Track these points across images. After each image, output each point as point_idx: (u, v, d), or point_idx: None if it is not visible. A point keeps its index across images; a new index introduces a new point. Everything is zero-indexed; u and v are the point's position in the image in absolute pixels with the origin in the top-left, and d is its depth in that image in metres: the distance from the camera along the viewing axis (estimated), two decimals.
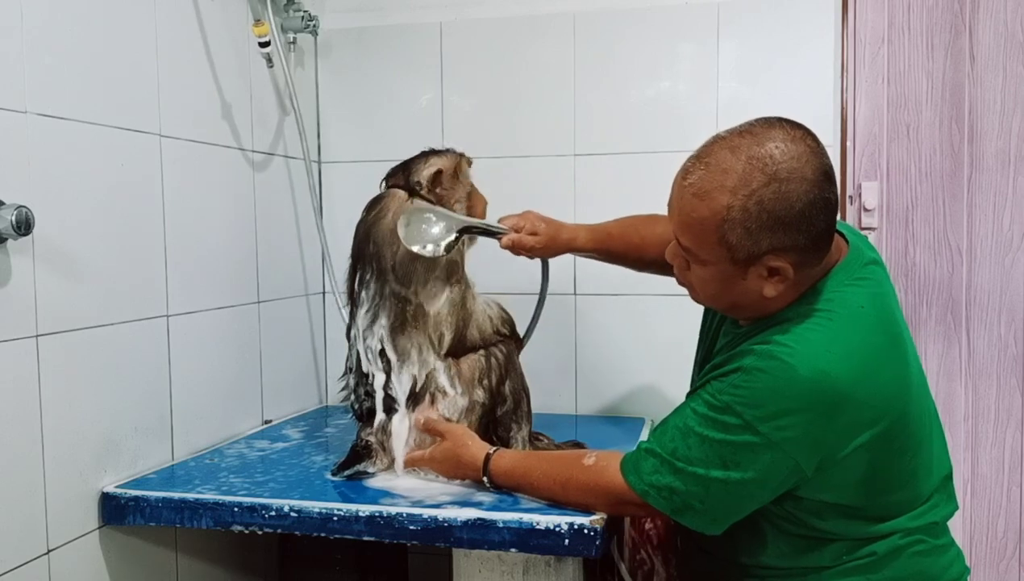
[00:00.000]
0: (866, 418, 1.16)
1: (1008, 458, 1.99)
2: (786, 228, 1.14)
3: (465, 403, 1.51)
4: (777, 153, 1.14)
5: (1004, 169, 1.94)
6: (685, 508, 1.21)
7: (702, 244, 1.19)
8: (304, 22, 2.00)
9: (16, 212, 1.20)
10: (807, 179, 1.13)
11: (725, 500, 1.19)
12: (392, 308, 1.49)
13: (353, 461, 1.49)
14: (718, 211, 1.14)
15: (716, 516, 1.21)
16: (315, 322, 2.17)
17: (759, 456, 1.15)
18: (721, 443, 1.17)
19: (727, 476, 1.17)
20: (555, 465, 1.34)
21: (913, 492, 1.26)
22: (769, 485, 1.18)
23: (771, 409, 1.14)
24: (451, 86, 2.12)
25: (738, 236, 1.14)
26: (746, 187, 1.13)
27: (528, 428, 1.59)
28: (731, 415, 1.16)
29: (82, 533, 1.41)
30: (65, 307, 1.37)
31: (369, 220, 1.53)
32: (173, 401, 1.63)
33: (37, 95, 1.31)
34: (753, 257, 1.16)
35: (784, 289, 1.20)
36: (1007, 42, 1.92)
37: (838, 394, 1.14)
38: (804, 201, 1.13)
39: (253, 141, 1.90)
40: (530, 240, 1.56)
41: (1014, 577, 2.00)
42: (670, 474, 1.20)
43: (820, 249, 1.19)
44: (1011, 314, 1.97)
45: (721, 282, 1.21)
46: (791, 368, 1.14)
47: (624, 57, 2.02)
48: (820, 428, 1.15)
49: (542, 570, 1.33)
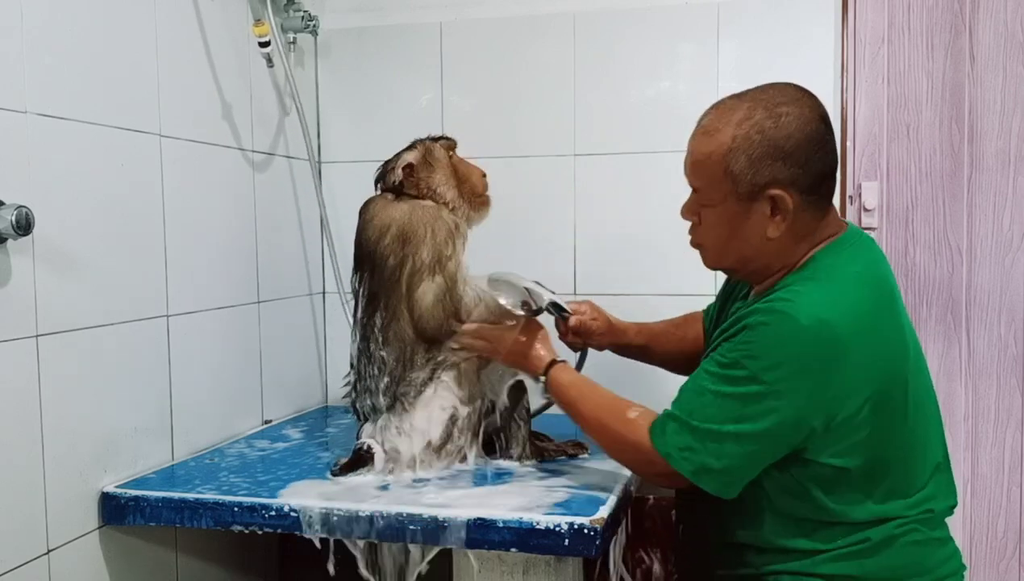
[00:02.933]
0: (866, 372, 1.21)
1: (1008, 458, 1.99)
2: (785, 158, 1.23)
3: (464, 402, 1.51)
4: (779, 96, 1.27)
5: (1004, 169, 1.94)
6: (703, 470, 1.23)
7: (710, 180, 1.27)
8: (304, 22, 2.00)
9: (16, 212, 1.20)
10: (805, 116, 1.25)
11: (738, 456, 1.22)
12: (384, 304, 1.51)
13: (356, 464, 1.50)
14: (724, 143, 1.25)
15: (732, 475, 1.24)
16: (315, 322, 2.17)
17: (767, 406, 1.19)
18: (731, 396, 1.22)
19: (739, 430, 1.21)
20: (603, 406, 1.39)
21: (911, 471, 1.28)
22: (778, 438, 1.21)
23: (775, 359, 1.19)
24: (451, 86, 2.12)
25: (741, 165, 1.24)
26: (749, 120, 1.24)
27: (527, 427, 1.59)
28: (738, 369, 1.21)
29: (82, 533, 1.41)
30: (65, 307, 1.37)
31: (360, 224, 1.57)
32: (173, 401, 1.63)
33: (37, 95, 1.31)
34: (756, 189, 1.24)
35: (785, 233, 1.26)
36: (1007, 42, 1.92)
37: (839, 343, 1.19)
38: (803, 133, 1.24)
39: (253, 141, 1.90)
40: (594, 324, 1.60)
41: (1014, 577, 2.00)
42: (688, 434, 1.24)
43: (819, 193, 1.27)
44: (1011, 314, 1.96)
45: (728, 225, 1.28)
46: (792, 318, 1.19)
47: (624, 57, 2.02)
48: (823, 378, 1.19)
49: (542, 570, 1.33)
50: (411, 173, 1.58)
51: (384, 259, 1.51)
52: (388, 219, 1.54)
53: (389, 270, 1.51)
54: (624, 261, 1.71)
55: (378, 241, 1.52)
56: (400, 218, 1.53)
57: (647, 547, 1.85)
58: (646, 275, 1.76)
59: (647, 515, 1.90)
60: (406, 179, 1.58)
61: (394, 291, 1.51)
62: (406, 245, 1.51)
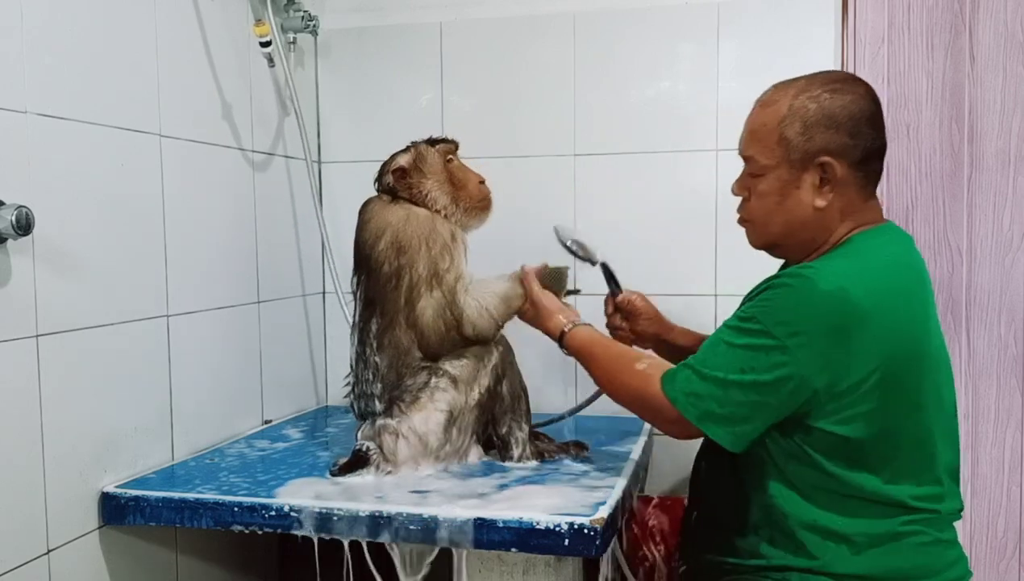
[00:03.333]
0: (878, 345, 1.24)
1: (1008, 458, 1.99)
2: (838, 128, 1.30)
3: (462, 402, 1.51)
4: (836, 75, 1.38)
5: (1004, 169, 1.94)
6: (707, 415, 1.27)
7: (764, 148, 1.33)
8: (304, 22, 2.00)
9: (16, 212, 1.20)
10: (860, 94, 1.32)
11: (742, 404, 1.26)
12: (379, 310, 1.52)
13: (355, 465, 1.50)
14: (779, 111, 1.32)
15: (735, 424, 1.27)
16: (315, 322, 2.17)
17: (773, 360, 1.24)
18: (742, 347, 1.27)
19: (742, 379, 1.25)
20: (612, 360, 1.45)
21: (922, 461, 1.30)
22: (781, 393, 1.24)
23: (789, 317, 1.24)
24: (451, 86, 2.12)
25: (795, 131, 1.30)
26: (805, 92, 1.32)
27: (528, 427, 1.59)
28: (753, 322, 1.27)
29: (82, 533, 1.41)
30: (65, 307, 1.37)
31: (358, 224, 1.58)
32: (173, 401, 1.63)
33: (37, 95, 1.31)
34: (807, 157, 1.30)
35: (831, 206, 1.31)
36: (1007, 42, 1.91)
37: (854, 312, 1.22)
38: (856, 106, 1.31)
39: (253, 141, 1.90)
40: (642, 305, 1.67)
41: (1014, 577, 2.00)
42: (697, 381, 1.29)
43: (867, 170, 1.33)
44: (1011, 314, 1.96)
45: (779, 194, 1.33)
46: (813, 282, 1.24)
47: (624, 57, 2.02)
48: (833, 344, 1.23)
49: (542, 570, 1.33)
50: (402, 177, 1.58)
51: (379, 265, 1.52)
52: (383, 223, 1.54)
53: (384, 277, 1.51)
54: (624, 261, 1.71)
55: (373, 245, 1.53)
56: (396, 224, 1.53)
57: (649, 545, 1.85)
58: (646, 275, 1.75)
59: (650, 513, 1.90)
60: (397, 182, 1.58)
61: (389, 299, 1.51)
62: (401, 255, 1.51)
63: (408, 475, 1.49)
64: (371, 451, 1.50)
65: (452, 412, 1.52)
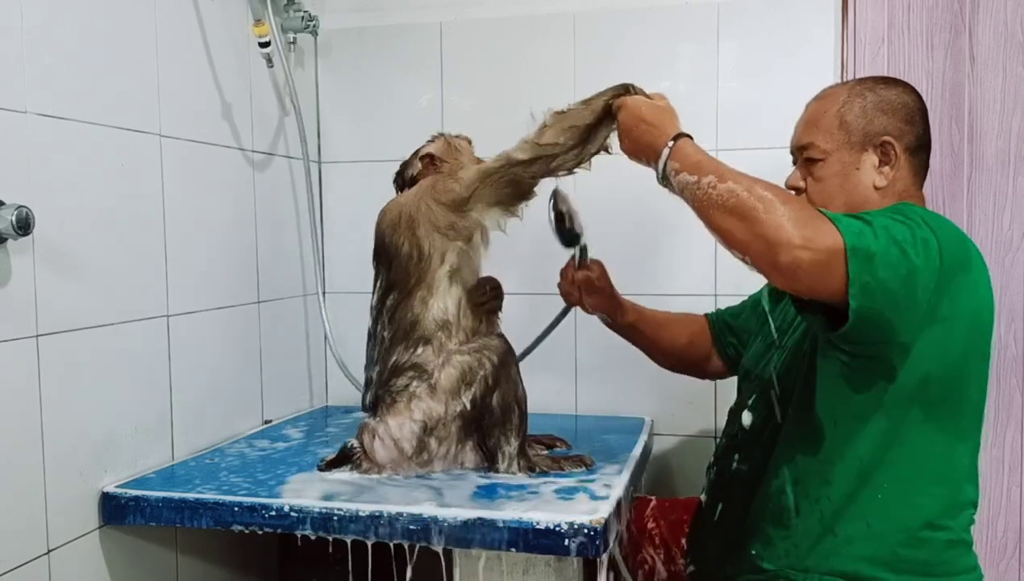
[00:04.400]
0: (976, 292, 1.27)
1: (1008, 458, 1.98)
2: (894, 113, 1.36)
3: (440, 412, 1.49)
4: (886, 77, 1.46)
5: (1004, 169, 1.94)
6: (861, 245, 1.13)
7: (824, 133, 1.38)
8: (304, 22, 2.00)
9: (16, 212, 1.20)
10: (910, 91, 1.40)
11: (895, 258, 1.16)
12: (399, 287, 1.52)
13: (341, 461, 1.52)
14: (838, 99, 1.38)
15: (876, 271, 1.14)
16: (315, 322, 2.17)
17: (925, 236, 1.20)
18: (903, 222, 1.20)
19: (903, 236, 1.17)
20: (749, 177, 1.19)
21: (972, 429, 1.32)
22: (919, 272, 1.18)
23: (938, 223, 1.25)
24: (451, 86, 2.12)
25: (855, 114, 1.36)
26: (860, 84, 1.40)
27: (517, 442, 1.51)
28: (913, 213, 1.25)
29: (82, 533, 1.41)
30: (65, 307, 1.37)
31: (376, 222, 1.58)
32: (173, 401, 1.63)
33: (37, 95, 1.31)
34: (868, 137, 1.35)
35: (888, 188, 1.35)
36: (1007, 42, 1.91)
37: (973, 253, 1.28)
38: (908, 98, 1.38)
39: (253, 141, 1.90)
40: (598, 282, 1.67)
41: (1014, 577, 2.00)
42: (861, 222, 1.17)
43: (920, 160, 1.38)
44: (1011, 314, 1.96)
45: (840, 176, 1.37)
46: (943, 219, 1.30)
47: (624, 57, 2.02)
48: (955, 262, 1.23)
49: (542, 570, 1.33)
50: (432, 161, 1.59)
51: (399, 249, 1.52)
52: (396, 207, 1.56)
53: (405, 257, 1.52)
54: (624, 261, 1.71)
55: (392, 233, 1.54)
56: (406, 203, 1.55)
57: (650, 548, 1.85)
58: (646, 275, 1.76)
59: (649, 515, 1.90)
60: (425, 169, 1.59)
61: (412, 274, 1.52)
62: (417, 228, 1.52)
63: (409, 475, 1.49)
64: (355, 449, 1.52)
65: (427, 423, 1.49)
